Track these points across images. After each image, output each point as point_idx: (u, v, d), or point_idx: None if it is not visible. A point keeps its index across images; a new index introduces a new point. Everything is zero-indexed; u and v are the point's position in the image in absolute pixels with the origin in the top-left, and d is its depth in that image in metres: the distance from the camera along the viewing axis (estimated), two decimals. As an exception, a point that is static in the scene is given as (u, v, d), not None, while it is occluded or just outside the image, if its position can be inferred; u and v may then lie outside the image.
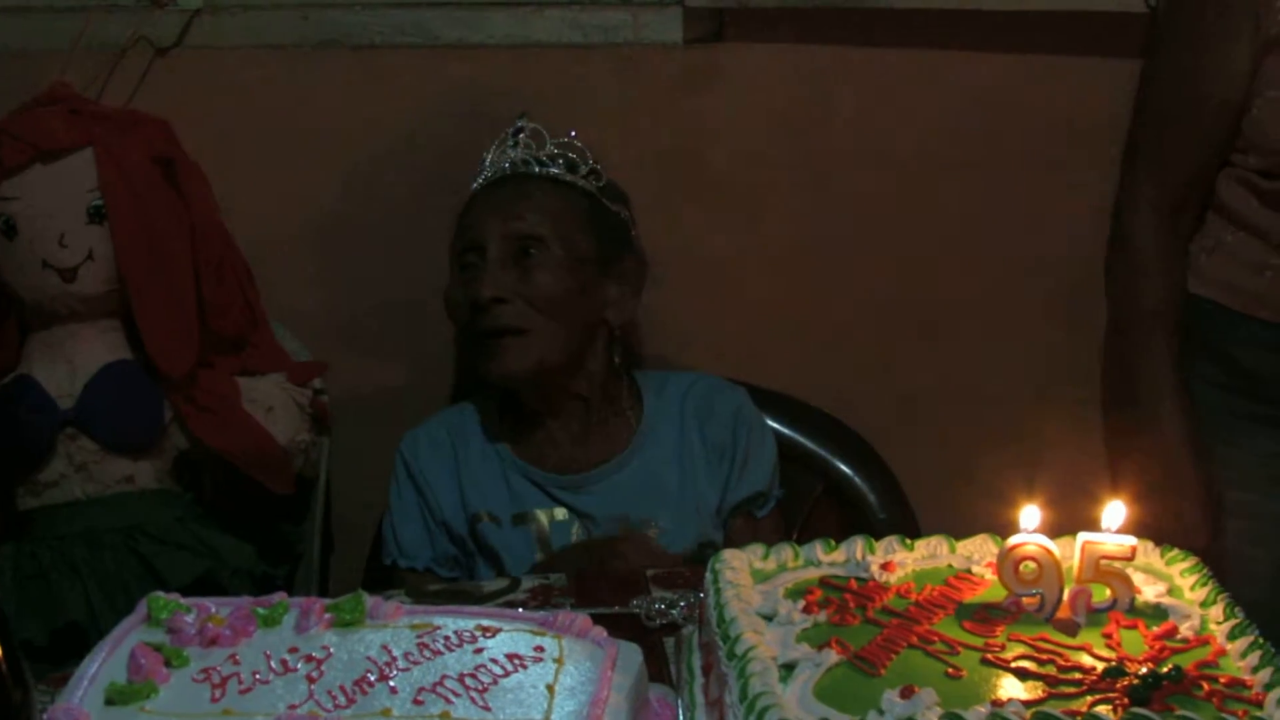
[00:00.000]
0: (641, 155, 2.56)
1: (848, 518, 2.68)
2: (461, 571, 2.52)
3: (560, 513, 2.49)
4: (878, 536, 2.52)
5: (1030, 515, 1.74)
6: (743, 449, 2.53)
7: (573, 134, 2.45)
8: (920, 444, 2.78)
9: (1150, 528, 1.84)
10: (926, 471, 2.76)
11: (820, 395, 2.77)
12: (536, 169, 2.43)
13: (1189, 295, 2.49)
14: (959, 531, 1.89)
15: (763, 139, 2.77)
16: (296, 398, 2.55)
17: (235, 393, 2.50)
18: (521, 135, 2.46)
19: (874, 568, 1.80)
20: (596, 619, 1.84)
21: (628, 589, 2.12)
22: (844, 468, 2.71)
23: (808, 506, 2.70)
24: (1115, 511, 1.75)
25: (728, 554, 1.82)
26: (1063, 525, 1.78)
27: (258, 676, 1.61)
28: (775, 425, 2.67)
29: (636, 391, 2.56)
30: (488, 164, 2.47)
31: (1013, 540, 1.71)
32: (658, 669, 1.87)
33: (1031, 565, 1.70)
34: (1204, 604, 1.72)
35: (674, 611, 2.03)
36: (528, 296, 2.39)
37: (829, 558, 1.84)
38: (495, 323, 2.39)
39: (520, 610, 2.01)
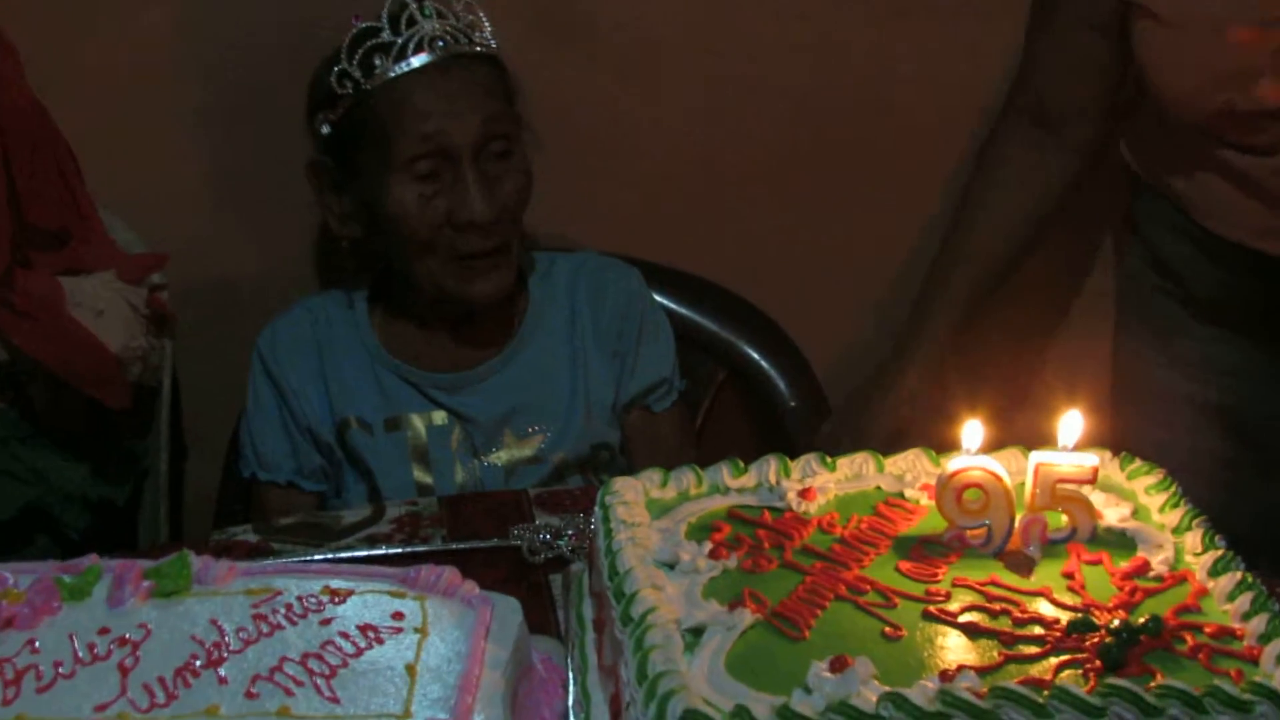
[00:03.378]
0: (514, 6, 2.27)
1: (754, 407, 2.47)
2: (329, 485, 2.29)
3: (439, 416, 2.25)
4: (788, 425, 2.29)
5: (972, 432, 1.49)
6: (637, 335, 2.31)
7: None
8: (832, 325, 2.57)
9: None
10: (839, 354, 2.55)
11: (720, 271, 2.54)
12: (467, 46, 2.15)
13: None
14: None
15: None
16: (130, 298, 2.27)
17: (59, 295, 2.19)
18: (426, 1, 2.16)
19: (790, 495, 1.56)
20: (470, 555, 1.70)
21: (507, 514, 1.88)
22: (749, 350, 2.48)
23: (710, 395, 2.48)
24: (1072, 424, 1.50)
25: (619, 484, 1.57)
26: (1002, 440, 1.56)
27: (60, 669, 1.35)
28: (671, 305, 2.44)
29: (520, 275, 2.30)
30: (397, 38, 2.12)
31: (953, 465, 1.46)
32: (542, 616, 1.65)
33: (977, 493, 1.45)
34: (1177, 530, 1.48)
35: (560, 542, 1.78)
36: (510, 207, 2.17)
37: (738, 483, 1.60)
38: (490, 243, 2.15)
39: (383, 548, 1.80)
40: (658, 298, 2.38)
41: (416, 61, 2.12)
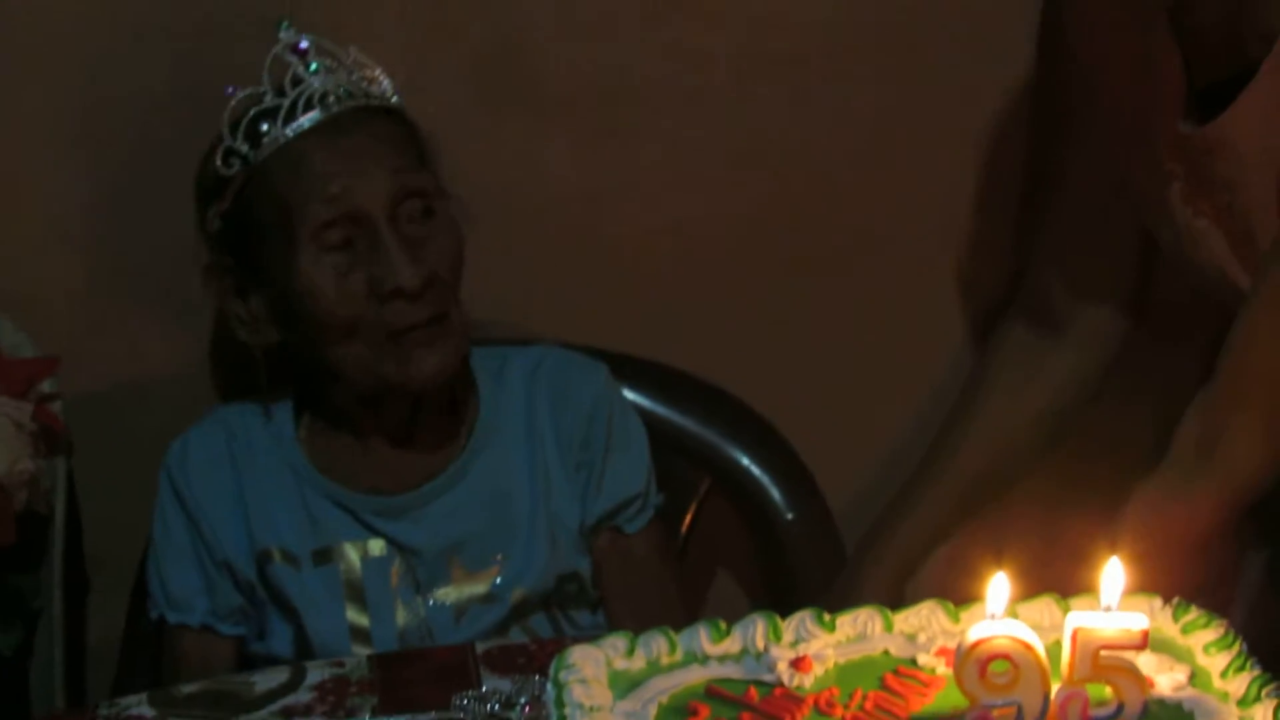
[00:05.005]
0: (449, 65, 2.24)
1: (745, 519, 2.39)
2: (250, 627, 2.19)
3: (376, 546, 2.14)
4: (785, 540, 2.24)
5: (998, 589, 1.39)
6: (605, 444, 2.21)
7: (352, 50, 2.11)
8: (834, 426, 2.46)
9: None
10: (843, 460, 2.46)
11: (699, 362, 2.44)
12: (364, 100, 2.08)
13: None
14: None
15: (614, 26, 2.40)
16: (12, 414, 2.17)
17: (-76, 414, 2.12)
18: (309, 54, 2.07)
19: (781, 665, 1.45)
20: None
21: (450, 677, 1.76)
22: (735, 452, 2.39)
23: (692, 509, 2.39)
24: (1114, 577, 1.39)
25: (577, 655, 1.47)
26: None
27: None
28: (642, 401, 2.35)
29: (469, 374, 2.20)
30: (283, 100, 2.05)
31: (974, 632, 1.35)
32: (489, 809, 1.53)
33: (1004, 664, 1.35)
34: (1243, 701, 1.38)
35: (512, 715, 1.67)
36: (439, 272, 2.06)
37: (719, 649, 1.49)
38: (424, 314, 2.04)
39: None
40: (626, 393, 2.28)
41: (308, 121, 2.04)
